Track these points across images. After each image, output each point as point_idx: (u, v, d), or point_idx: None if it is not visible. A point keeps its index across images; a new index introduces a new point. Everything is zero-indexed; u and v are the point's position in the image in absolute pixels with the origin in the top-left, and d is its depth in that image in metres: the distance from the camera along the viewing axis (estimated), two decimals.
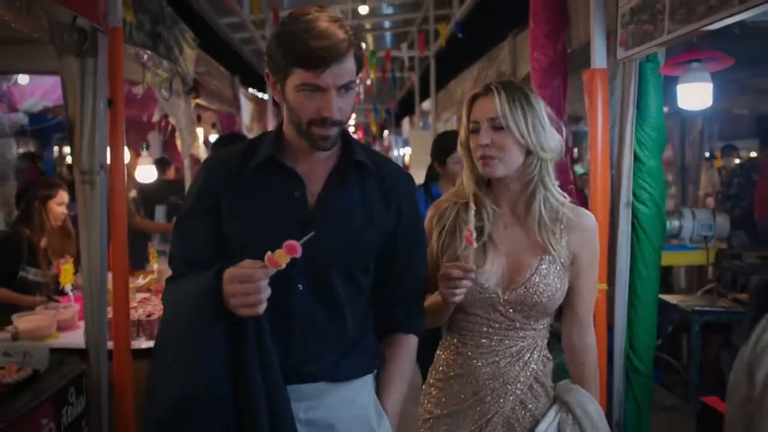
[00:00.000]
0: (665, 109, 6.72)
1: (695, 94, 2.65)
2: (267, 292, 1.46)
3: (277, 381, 1.55)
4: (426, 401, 2.00)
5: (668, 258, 4.32)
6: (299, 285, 1.64)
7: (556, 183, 1.88)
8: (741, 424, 1.73)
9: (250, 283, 1.45)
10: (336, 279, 1.68)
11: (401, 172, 1.85)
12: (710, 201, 7.54)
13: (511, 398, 1.87)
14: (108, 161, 2.93)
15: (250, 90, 8.60)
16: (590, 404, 1.88)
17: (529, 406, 1.88)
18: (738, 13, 2.09)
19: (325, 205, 1.68)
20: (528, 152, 1.82)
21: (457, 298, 1.76)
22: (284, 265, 1.45)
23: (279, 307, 1.57)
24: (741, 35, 2.98)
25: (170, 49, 4.15)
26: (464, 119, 1.90)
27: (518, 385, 1.88)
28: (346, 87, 1.59)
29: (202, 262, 1.62)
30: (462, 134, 1.91)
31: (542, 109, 1.83)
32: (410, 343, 1.84)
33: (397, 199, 1.77)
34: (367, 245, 1.72)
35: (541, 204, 1.85)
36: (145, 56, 3.79)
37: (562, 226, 1.87)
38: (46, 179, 4.57)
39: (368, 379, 1.78)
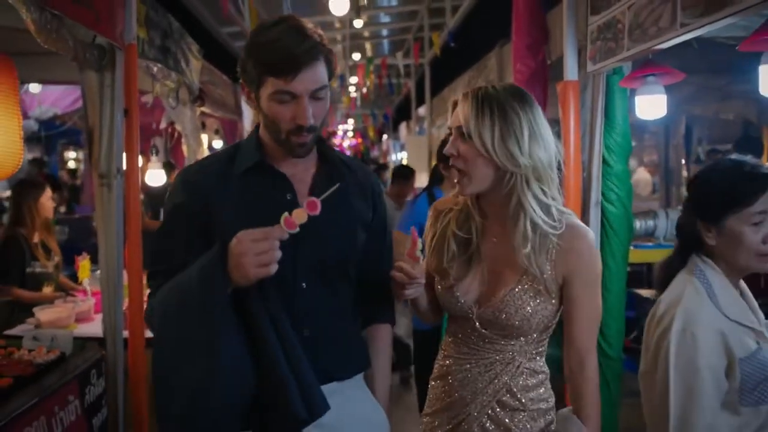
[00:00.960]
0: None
1: (650, 105, 2.94)
2: (279, 254, 1.46)
3: (296, 347, 1.56)
4: (428, 397, 2.01)
5: (644, 255, 4.60)
6: (303, 283, 1.67)
7: (552, 200, 1.74)
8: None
9: (265, 241, 1.45)
10: (335, 275, 1.73)
11: (370, 171, 1.94)
12: None
13: (478, 409, 1.83)
14: (124, 166, 3.23)
15: None
16: (575, 429, 1.76)
17: (501, 418, 1.83)
18: (681, 35, 2.37)
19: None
20: (498, 167, 1.71)
21: (404, 298, 1.75)
22: (298, 228, 1.47)
23: (286, 306, 1.61)
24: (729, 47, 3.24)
25: (178, 61, 4.44)
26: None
27: (485, 397, 1.83)
28: (319, 92, 1.60)
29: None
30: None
31: (523, 120, 1.68)
32: (388, 332, 1.92)
33: (371, 195, 1.84)
34: (355, 239, 1.77)
35: (527, 223, 1.72)
36: (155, 68, 4.08)
37: (551, 247, 1.75)
38: (29, 180, 4.89)
39: (362, 376, 1.84)
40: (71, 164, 13.30)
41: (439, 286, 1.88)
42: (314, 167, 1.76)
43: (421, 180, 9.82)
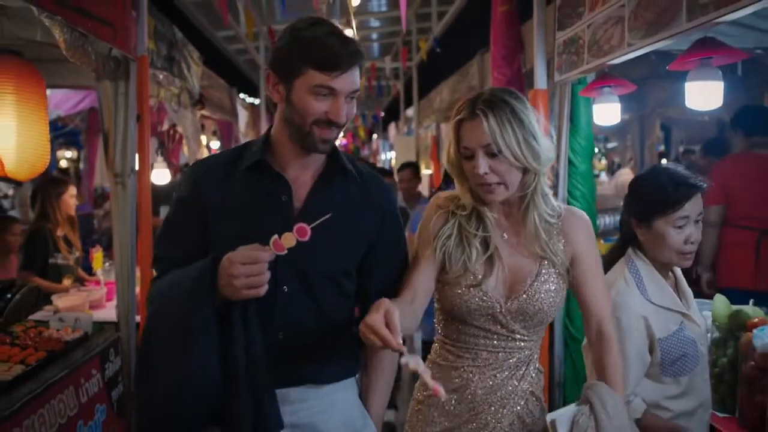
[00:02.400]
0: (626, 117, 7.38)
1: (606, 112, 3.32)
2: (268, 275, 1.52)
3: (262, 375, 1.62)
4: (415, 419, 1.94)
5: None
6: (284, 287, 1.68)
7: (550, 192, 1.87)
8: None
9: (255, 265, 1.51)
10: (320, 282, 1.71)
11: (382, 181, 1.90)
12: None
13: (509, 414, 1.83)
14: (136, 166, 3.57)
15: (242, 95, 9.26)
16: (609, 397, 1.74)
17: (527, 420, 1.85)
18: (628, 53, 2.74)
19: (310, 208, 1.71)
20: (525, 170, 1.78)
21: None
22: (287, 251, 1.52)
23: (264, 309, 1.64)
24: None
25: (181, 68, 4.78)
26: (453, 142, 1.84)
27: (516, 399, 1.84)
28: (353, 94, 1.65)
29: (188, 265, 1.66)
30: (451, 155, 1.86)
31: (531, 118, 1.75)
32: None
33: (379, 205, 1.82)
34: (350, 249, 1.76)
35: (535, 215, 1.82)
36: (161, 76, 4.42)
37: (557, 231, 1.85)
38: (53, 178, 5.25)
39: (351, 382, 1.84)
40: (63, 163, 13.58)
41: (462, 287, 1.84)
42: (319, 173, 1.77)
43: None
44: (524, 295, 1.80)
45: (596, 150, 10.51)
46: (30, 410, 2.43)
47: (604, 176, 12.12)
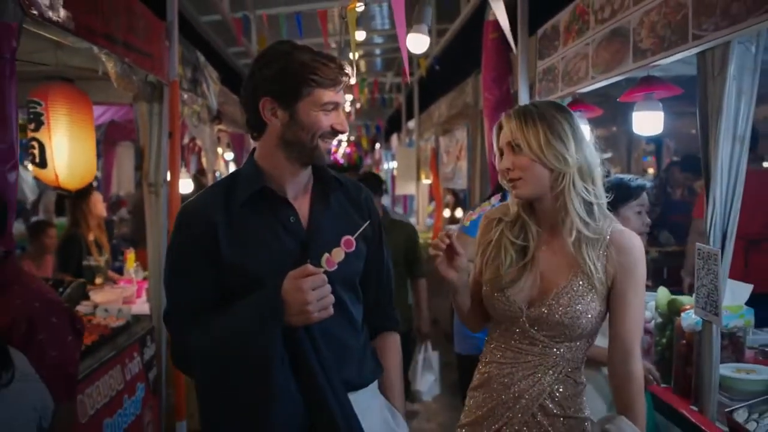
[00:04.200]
0: (614, 129, 7.83)
1: None
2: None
3: (337, 379, 1.69)
4: (464, 408, 2.02)
5: None
6: None
7: (596, 198, 1.82)
8: None
9: (323, 287, 1.58)
10: (342, 290, 1.76)
11: (361, 186, 1.98)
12: None
13: (520, 415, 1.85)
14: (168, 177, 4.07)
15: None
16: (627, 427, 1.72)
17: (541, 423, 1.84)
18: (592, 84, 3.24)
19: (317, 223, 1.78)
20: (552, 168, 1.79)
21: (443, 269, 1.84)
22: (336, 266, 1.60)
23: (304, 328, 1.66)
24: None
25: (202, 88, 5.29)
26: (496, 150, 1.93)
27: (526, 401, 1.85)
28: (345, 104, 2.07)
29: (210, 308, 1.69)
30: (496, 162, 1.93)
31: (564, 124, 1.79)
32: (396, 339, 1.99)
33: (366, 209, 1.91)
34: (359, 254, 1.80)
35: (577, 220, 1.79)
36: (185, 96, 4.92)
37: (603, 247, 1.81)
38: (80, 188, 5.73)
39: (376, 385, 1.90)
40: None
41: (489, 289, 1.90)
42: (310, 187, 1.84)
43: (408, 188, 10.66)
44: (545, 307, 1.82)
45: None
46: (89, 381, 2.91)
47: None
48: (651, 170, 9.57)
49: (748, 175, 4.46)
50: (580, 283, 1.80)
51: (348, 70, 1.73)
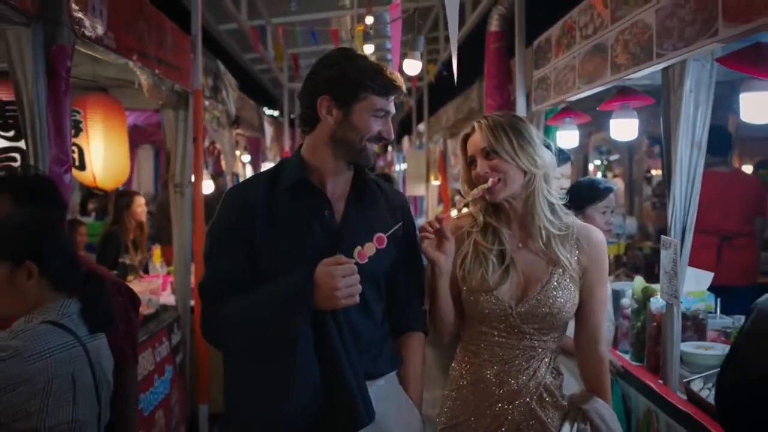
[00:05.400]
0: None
1: (568, 137, 4.14)
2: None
3: (357, 360, 1.79)
4: (442, 411, 2.07)
5: None
6: None
7: (559, 199, 1.97)
8: None
9: (353, 276, 1.69)
10: (366, 284, 1.78)
11: (398, 191, 2.12)
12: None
13: (521, 408, 1.91)
14: (192, 179, 4.42)
15: (265, 109, 10.15)
16: (606, 411, 1.90)
17: (540, 415, 1.92)
18: (577, 93, 3.57)
19: (351, 219, 1.88)
20: (524, 172, 1.90)
21: (431, 252, 1.90)
22: (367, 259, 1.72)
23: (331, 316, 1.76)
24: None
25: (222, 95, 5.66)
26: (461, 158, 2.03)
27: (527, 395, 1.92)
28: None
29: (243, 285, 1.80)
30: (462, 171, 2.04)
31: (530, 131, 1.93)
32: (421, 339, 2.04)
33: (400, 213, 1.99)
34: (387, 253, 1.82)
35: (544, 218, 1.92)
36: (207, 102, 5.29)
37: (572, 242, 1.95)
38: (124, 191, 6.12)
39: (395, 375, 1.97)
40: None
41: (476, 293, 1.96)
42: (349, 186, 1.94)
43: (418, 189, 10.98)
44: (534, 300, 1.91)
45: (598, 162, 11.27)
46: None
47: None
48: (655, 171, 9.87)
49: (724, 177, 4.80)
50: (560, 276, 1.92)
51: (401, 83, 1.86)
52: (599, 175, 13.81)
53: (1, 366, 1.63)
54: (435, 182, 10.53)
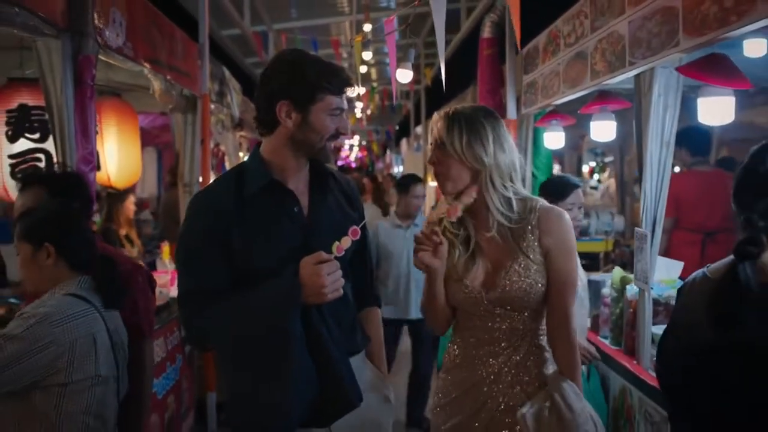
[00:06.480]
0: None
1: (554, 138, 4.38)
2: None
3: (342, 341, 1.93)
4: (434, 392, 2.17)
5: (580, 246, 6.01)
6: None
7: (514, 194, 1.97)
8: None
9: (337, 272, 1.78)
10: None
11: (350, 179, 2.19)
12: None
13: (501, 385, 1.99)
14: (200, 178, 4.67)
15: None
16: (571, 391, 1.91)
17: (519, 388, 1.99)
18: (562, 98, 3.81)
19: (317, 213, 1.97)
20: (474, 168, 1.94)
21: (428, 259, 1.97)
22: (344, 252, 1.82)
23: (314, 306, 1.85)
24: None
25: (227, 99, 5.90)
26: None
27: (508, 372, 1.99)
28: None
29: (225, 290, 1.85)
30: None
31: (487, 129, 1.94)
32: (378, 314, 2.23)
33: (356, 200, 2.12)
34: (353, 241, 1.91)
35: (497, 213, 1.96)
36: (213, 106, 5.53)
37: (533, 225, 1.97)
38: (116, 192, 6.36)
39: (364, 351, 2.10)
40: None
41: (447, 282, 2.05)
42: (308, 180, 2.01)
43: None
44: (500, 288, 1.96)
45: (593, 163, 11.50)
46: None
47: (599, 185, 13.11)
48: None
49: (706, 176, 5.01)
50: (522, 261, 1.96)
51: (351, 78, 1.94)
52: (594, 176, 14.16)
53: (32, 329, 1.97)
54: (432, 183, 10.75)
